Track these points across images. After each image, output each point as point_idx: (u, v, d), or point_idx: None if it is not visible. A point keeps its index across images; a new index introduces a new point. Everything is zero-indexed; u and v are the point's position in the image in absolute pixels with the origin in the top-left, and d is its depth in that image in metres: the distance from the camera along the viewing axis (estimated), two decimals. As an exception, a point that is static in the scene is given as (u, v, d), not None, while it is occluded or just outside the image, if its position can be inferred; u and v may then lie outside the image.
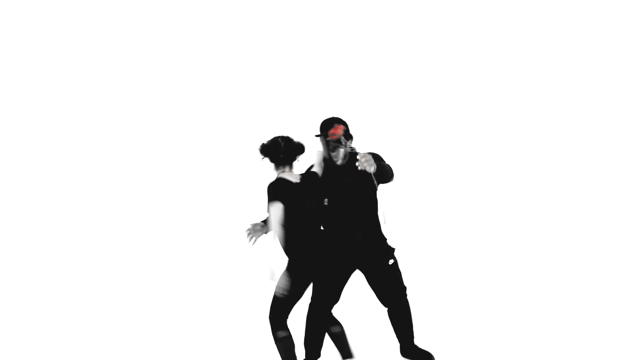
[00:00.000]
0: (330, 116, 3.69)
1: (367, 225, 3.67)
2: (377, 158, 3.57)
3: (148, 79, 7.25)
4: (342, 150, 3.59)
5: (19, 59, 7.07)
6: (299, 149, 3.60)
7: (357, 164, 3.33)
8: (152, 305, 4.77)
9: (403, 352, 3.93)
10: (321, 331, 3.66)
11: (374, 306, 4.49)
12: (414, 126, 7.21)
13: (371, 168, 3.36)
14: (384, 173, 3.56)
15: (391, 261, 3.75)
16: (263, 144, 3.57)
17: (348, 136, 3.63)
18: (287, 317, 3.60)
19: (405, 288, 3.82)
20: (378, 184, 3.62)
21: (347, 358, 3.66)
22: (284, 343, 3.52)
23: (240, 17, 7.25)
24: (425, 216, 6.80)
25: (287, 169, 3.59)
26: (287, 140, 3.58)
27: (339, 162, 3.60)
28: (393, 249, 3.80)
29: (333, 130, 3.54)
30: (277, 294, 3.51)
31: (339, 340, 3.63)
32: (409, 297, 3.84)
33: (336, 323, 3.65)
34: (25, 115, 7.09)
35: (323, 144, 3.59)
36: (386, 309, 3.85)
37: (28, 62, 7.10)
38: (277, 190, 3.49)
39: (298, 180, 3.55)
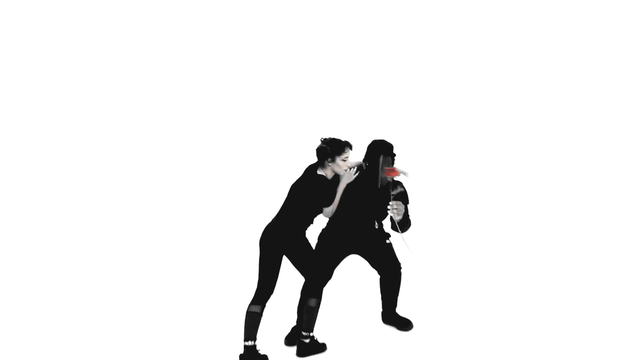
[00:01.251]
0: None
1: (374, 227, 4.19)
2: (405, 207, 4.15)
3: (148, 79, 7.21)
4: (386, 181, 4.08)
5: (19, 59, 7.04)
6: (317, 153, 3.97)
7: (388, 207, 4.03)
8: (149, 305, 4.80)
9: (385, 319, 4.44)
10: None
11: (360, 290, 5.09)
12: (412, 126, 7.21)
13: (397, 217, 4.05)
14: (404, 224, 4.16)
15: (388, 241, 4.28)
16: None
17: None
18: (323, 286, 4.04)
19: (400, 264, 4.33)
20: (399, 230, 4.16)
21: (307, 331, 3.98)
22: (311, 312, 3.96)
23: (240, 17, 7.23)
24: (423, 215, 6.79)
25: (319, 166, 4.01)
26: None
27: (379, 185, 4.09)
28: (389, 235, 4.32)
29: (395, 173, 4.04)
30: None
31: (309, 313, 3.94)
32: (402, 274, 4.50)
33: (317, 297, 3.98)
34: (25, 115, 7.06)
35: (381, 163, 4.07)
36: (379, 278, 4.39)
37: (28, 62, 7.04)
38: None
39: (322, 174, 3.97)
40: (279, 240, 3.79)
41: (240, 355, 3.80)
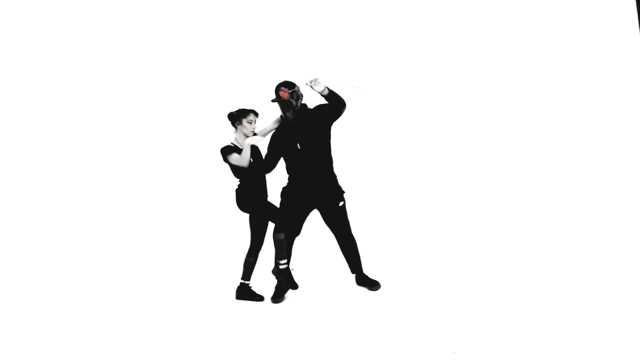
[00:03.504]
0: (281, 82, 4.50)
1: (323, 165, 4.42)
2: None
3: (138, 77, 7.28)
4: (293, 104, 4.36)
5: (19, 59, 7.07)
6: (228, 118, 4.57)
7: (308, 83, 4.26)
8: (146, 304, 4.77)
9: (357, 281, 4.75)
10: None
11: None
12: (409, 124, 7.21)
13: (320, 87, 4.25)
14: (335, 97, 4.34)
15: (341, 203, 4.57)
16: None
17: (298, 95, 4.41)
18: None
19: (350, 228, 4.62)
20: (334, 109, 4.35)
21: (281, 259, 4.42)
22: (280, 243, 4.42)
23: (236, 16, 7.22)
24: (419, 213, 6.80)
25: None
26: None
27: (292, 116, 4.36)
28: (343, 192, 4.58)
29: (281, 93, 4.33)
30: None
31: (279, 244, 4.41)
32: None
33: (284, 231, 4.39)
34: (25, 115, 7.11)
35: (280, 106, 4.40)
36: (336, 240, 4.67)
37: (28, 62, 7.10)
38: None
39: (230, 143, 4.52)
40: (239, 204, 4.49)
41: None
